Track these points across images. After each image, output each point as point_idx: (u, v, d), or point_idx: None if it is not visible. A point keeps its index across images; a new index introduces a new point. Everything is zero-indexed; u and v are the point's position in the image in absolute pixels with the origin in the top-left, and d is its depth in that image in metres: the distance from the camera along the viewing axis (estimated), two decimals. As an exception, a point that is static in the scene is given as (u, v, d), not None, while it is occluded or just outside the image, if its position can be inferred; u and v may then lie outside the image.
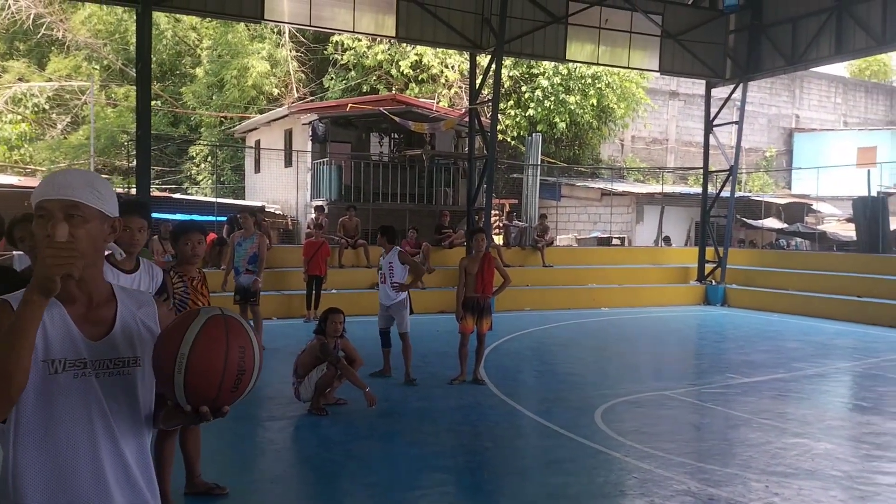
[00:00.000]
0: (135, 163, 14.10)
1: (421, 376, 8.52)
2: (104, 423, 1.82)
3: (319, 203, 17.94)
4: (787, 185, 31.49)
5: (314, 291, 12.95)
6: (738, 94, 18.34)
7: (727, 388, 8.74)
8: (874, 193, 19.02)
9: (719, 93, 19.28)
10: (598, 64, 18.16)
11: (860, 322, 14.70)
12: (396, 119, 18.71)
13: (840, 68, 38.20)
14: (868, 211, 17.91)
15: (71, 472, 1.77)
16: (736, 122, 18.60)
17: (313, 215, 15.89)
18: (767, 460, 5.88)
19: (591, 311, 16.17)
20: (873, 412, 7.69)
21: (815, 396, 8.75)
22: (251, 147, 25.00)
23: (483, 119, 17.42)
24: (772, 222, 24.68)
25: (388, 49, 25.71)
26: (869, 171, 20.28)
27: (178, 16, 27.07)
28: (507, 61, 22.88)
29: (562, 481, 5.44)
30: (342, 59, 26.88)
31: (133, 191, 15.22)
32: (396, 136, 21.96)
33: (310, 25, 14.70)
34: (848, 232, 21.38)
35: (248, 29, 28.52)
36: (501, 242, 18.16)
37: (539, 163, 20.87)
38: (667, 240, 22.33)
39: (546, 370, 10.20)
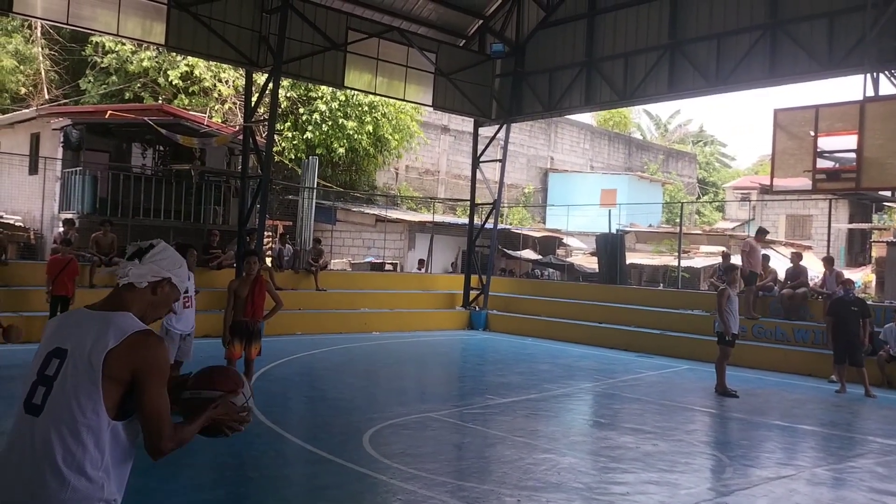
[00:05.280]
0: None
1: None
2: None
3: (69, 216, 16.29)
4: (543, 219, 34.33)
5: (60, 313, 11.70)
6: (502, 134, 19.75)
7: (486, 408, 9.27)
8: (614, 230, 21.39)
9: (486, 131, 20.62)
10: (375, 93, 18.61)
11: (600, 346, 16.37)
12: (163, 131, 17.61)
13: (588, 118, 42.64)
14: (608, 246, 20.10)
15: None
16: (500, 160, 20.00)
17: (61, 229, 14.42)
18: (520, 476, 6.32)
19: (362, 336, 16.34)
20: (610, 428, 8.59)
21: (562, 415, 9.57)
22: (-12, 150, 22.08)
23: (258, 138, 17.02)
24: (528, 253, 26.73)
25: (156, 56, 24.22)
26: (610, 210, 22.82)
27: None
28: (285, 82, 22.62)
29: (328, 508, 5.40)
30: (102, 61, 24.83)
31: None
32: (162, 148, 20.68)
33: (66, 24, 13.44)
34: (592, 264, 23.80)
35: (-6, 21, 25.36)
36: (272, 265, 17.77)
37: (315, 186, 20.79)
38: (421, 262, 23.15)
39: (316, 396, 10.10)
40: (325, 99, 24.87)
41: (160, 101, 23.47)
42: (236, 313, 8.04)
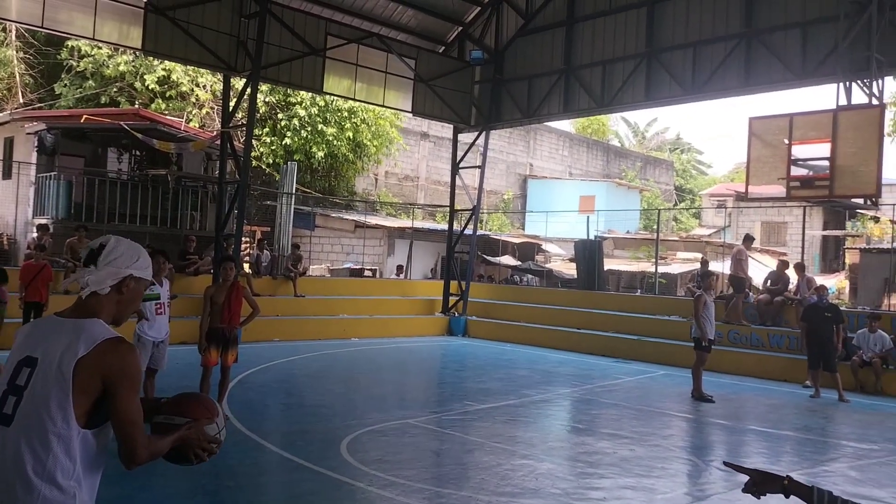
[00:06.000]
0: None
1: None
2: None
3: (43, 221, 16.10)
4: (522, 226, 34.46)
5: (33, 319, 11.52)
6: (481, 141, 19.81)
7: (465, 414, 9.26)
8: (592, 237, 21.51)
9: (465, 138, 20.67)
10: (354, 99, 18.58)
11: (579, 351, 16.44)
12: (139, 135, 17.47)
13: (567, 125, 42.94)
14: (587, 252, 20.20)
15: None
16: (479, 166, 20.06)
17: (35, 234, 14.23)
18: (497, 482, 6.32)
19: (341, 342, 16.27)
20: (587, 433, 8.62)
21: (540, 420, 9.60)
22: (-41, 153, 21.74)
23: (236, 143, 16.92)
24: (507, 259, 26.80)
25: (133, 61, 24.02)
26: (588, 217, 22.94)
27: None
28: (264, 87, 22.53)
29: (305, 516, 5.36)
30: (78, 65, 24.57)
31: None
32: (138, 153, 20.48)
33: (42, 27, 13.30)
34: (570, 270, 23.91)
35: (-35, 22, 24.97)
36: (250, 271, 17.65)
37: (294, 191, 20.69)
38: (400, 268, 23.20)
39: (293, 403, 10.04)
40: (304, 104, 24.80)
41: (137, 106, 23.25)
42: (213, 320, 7.98)
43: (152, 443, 2.26)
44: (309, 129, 24.86)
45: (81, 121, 18.46)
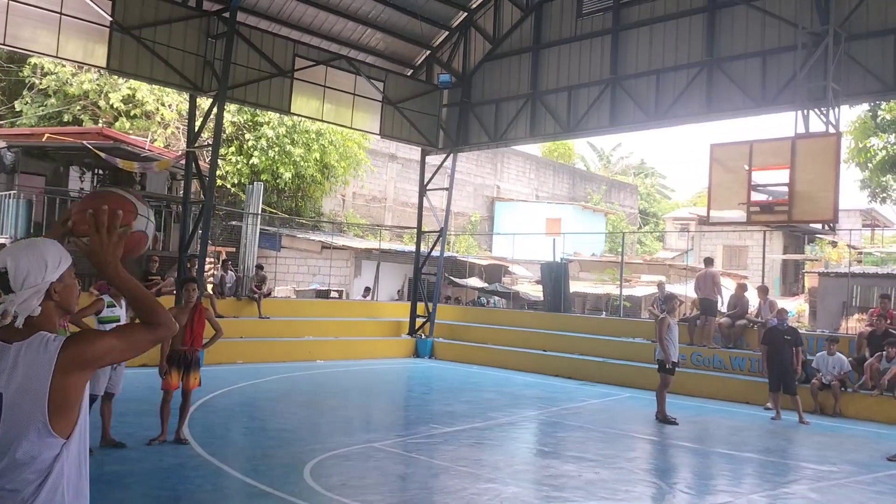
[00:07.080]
0: None
1: (116, 437, 7.76)
2: None
3: (1, 241, 15.72)
4: (489, 247, 34.58)
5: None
6: (449, 163, 19.91)
7: (430, 437, 9.21)
8: (558, 259, 21.67)
9: (433, 160, 20.75)
10: (322, 120, 18.57)
11: (545, 373, 16.48)
12: (102, 155, 17.21)
13: (534, 148, 43.29)
14: (553, 274, 20.32)
15: None
16: (446, 188, 20.13)
17: (-8, 254, 13.88)
18: (463, 506, 6.28)
19: (307, 364, 16.09)
20: (553, 456, 8.63)
21: (506, 443, 9.57)
22: (-86, 170, 21.17)
23: (202, 163, 16.76)
24: (475, 281, 26.84)
25: (98, 79, 23.73)
26: (554, 239, 23.13)
27: None
28: (231, 107, 22.41)
29: (266, 543, 5.27)
30: (41, 83, 24.19)
31: None
32: (101, 172, 20.18)
33: (4, 44, 13.07)
34: (537, 292, 24.02)
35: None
36: (213, 292, 17.42)
37: (260, 212, 20.54)
38: (367, 290, 23.14)
39: (256, 427, 9.89)
40: (272, 124, 24.70)
41: (101, 125, 22.93)
42: (174, 342, 7.85)
43: (127, 282, 2.38)
44: (276, 149, 24.76)
45: (43, 139, 18.14)
